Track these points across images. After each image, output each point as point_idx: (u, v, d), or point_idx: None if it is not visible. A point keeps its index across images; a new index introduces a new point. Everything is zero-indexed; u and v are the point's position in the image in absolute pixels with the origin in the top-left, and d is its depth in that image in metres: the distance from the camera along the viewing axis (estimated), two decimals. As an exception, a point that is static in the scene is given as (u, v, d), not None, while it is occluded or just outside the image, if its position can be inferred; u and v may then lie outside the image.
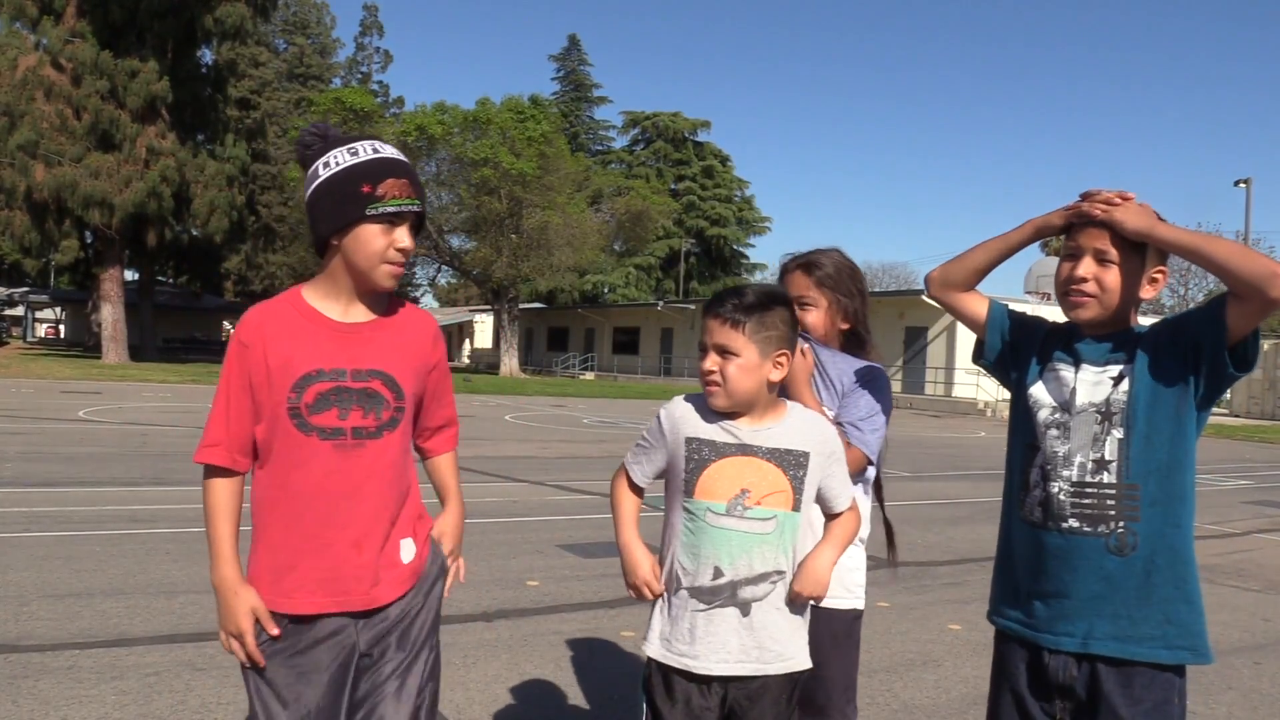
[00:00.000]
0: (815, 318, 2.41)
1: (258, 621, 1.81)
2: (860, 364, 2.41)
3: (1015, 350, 2.07)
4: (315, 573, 1.83)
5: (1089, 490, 1.87)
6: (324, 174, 1.86)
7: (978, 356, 2.16)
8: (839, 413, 2.34)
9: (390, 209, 1.83)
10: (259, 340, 1.84)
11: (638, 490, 2.10)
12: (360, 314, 1.91)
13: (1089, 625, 1.87)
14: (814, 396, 2.29)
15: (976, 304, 2.12)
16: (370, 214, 1.82)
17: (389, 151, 1.90)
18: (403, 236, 1.86)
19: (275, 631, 1.81)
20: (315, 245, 1.91)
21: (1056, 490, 1.90)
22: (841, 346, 2.47)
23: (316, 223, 1.87)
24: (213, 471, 1.85)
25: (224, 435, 1.84)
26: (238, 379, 1.85)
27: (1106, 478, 1.86)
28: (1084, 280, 1.89)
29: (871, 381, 2.38)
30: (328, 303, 1.90)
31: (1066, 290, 1.93)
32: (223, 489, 1.85)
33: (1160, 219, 1.87)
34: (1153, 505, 1.84)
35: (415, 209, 1.87)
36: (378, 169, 1.85)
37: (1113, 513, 1.85)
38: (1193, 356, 1.82)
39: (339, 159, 1.86)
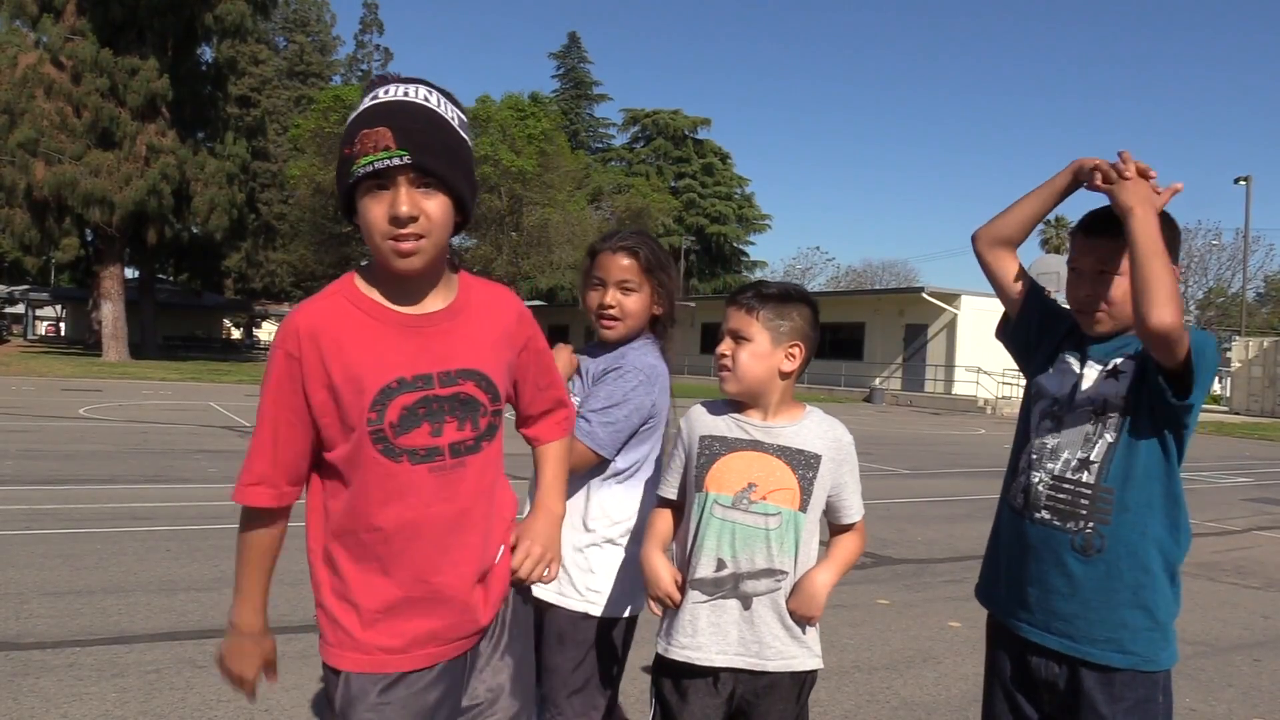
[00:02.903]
0: (637, 302, 2.29)
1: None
2: (615, 355, 2.29)
3: (1039, 337, 2.06)
4: (427, 624, 1.53)
5: (1065, 486, 1.90)
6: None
7: (1001, 332, 2.14)
8: (580, 402, 2.25)
9: (362, 169, 1.43)
10: (312, 349, 1.46)
11: (669, 505, 2.11)
12: (430, 301, 1.54)
13: (1047, 619, 1.90)
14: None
15: (1015, 271, 2.07)
16: (351, 181, 1.45)
17: (391, 94, 1.49)
18: (396, 199, 1.43)
19: (274, 680, 1.63)
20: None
21: (1037, 480, 1.94)
22: (648, 330, 2.36)
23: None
24: (253, 514, 1.54)
25: (269, 469, 1.50)
26: (286, 399, 1.48)
27: (1085, 477, 1.88)
28: (1089, 299, 1.91)
29: (619, 374, 2.24)
30: (387, 291, 1.52)
31: (1078, 309, 1.95)
32: (262, 536, 1.55)
33: (1163, 213, 1.83)
34: (1125, 511, 1.85)
35: (394, 161, 1.41)
36: (354, 123, 1.47)
37: (1084, 512, 1.87)
38: (1148, 378, 1.83)
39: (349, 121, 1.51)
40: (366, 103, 1.50)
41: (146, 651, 3.89)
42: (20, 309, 63.25)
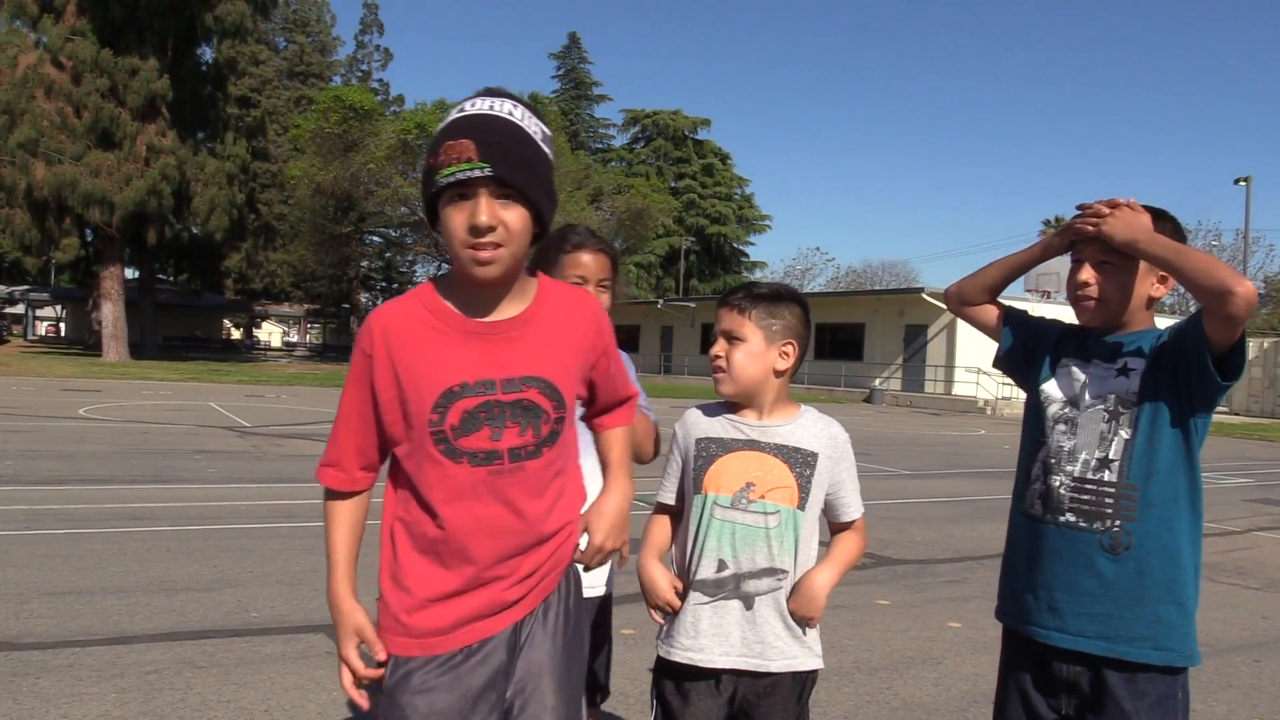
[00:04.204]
0: (609, 300, 2.40)
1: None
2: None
3: (1029, 351, 2.12)
4: (478, 608, 1.59)
5: (1089, 486, 1.90)
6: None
7: (996, 362, 2.23)
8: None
9: (445, 179, 1.48)
10: (384, 348, 1.55)
11: (668, 511, 2.11)
12: (502, 309, 1.59)
13: (1080, 623, 1.89)
14: None
15: (991, 313, 2.21)
16: (433, 190, 1.51)
17: (477, 107, 1.54)
18: (477, 210, 1.47)
19: (382, 657, 1.59)
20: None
21: (1057, 484, 1.93)
22: None
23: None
24: (329, 492, 1.65)
25: (341, 455, 1.62)
26: (358, 393, 1.59)
27: (1108, 476, 1.89)
28: (1086, 285, 1.95)
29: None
30: (461, 298, 1.58)
31: (1074, 296, 2.00)
32: (340, 508, 1.65)
33: (1161, 227, 1.90)
34: (1149, 507, 1.86)
35: (476, 173, 1.46)
36: (440, 134, 1.52)
37: (1110, 511, 1.88)
38: (1184, 365, 1.85)
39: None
40: (453, 115, 1.53)
41: (146, 652, 3.89)
42: (20, 309, 63.26)
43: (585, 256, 2.35)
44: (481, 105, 1.54)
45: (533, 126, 1.56)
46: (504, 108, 1.54)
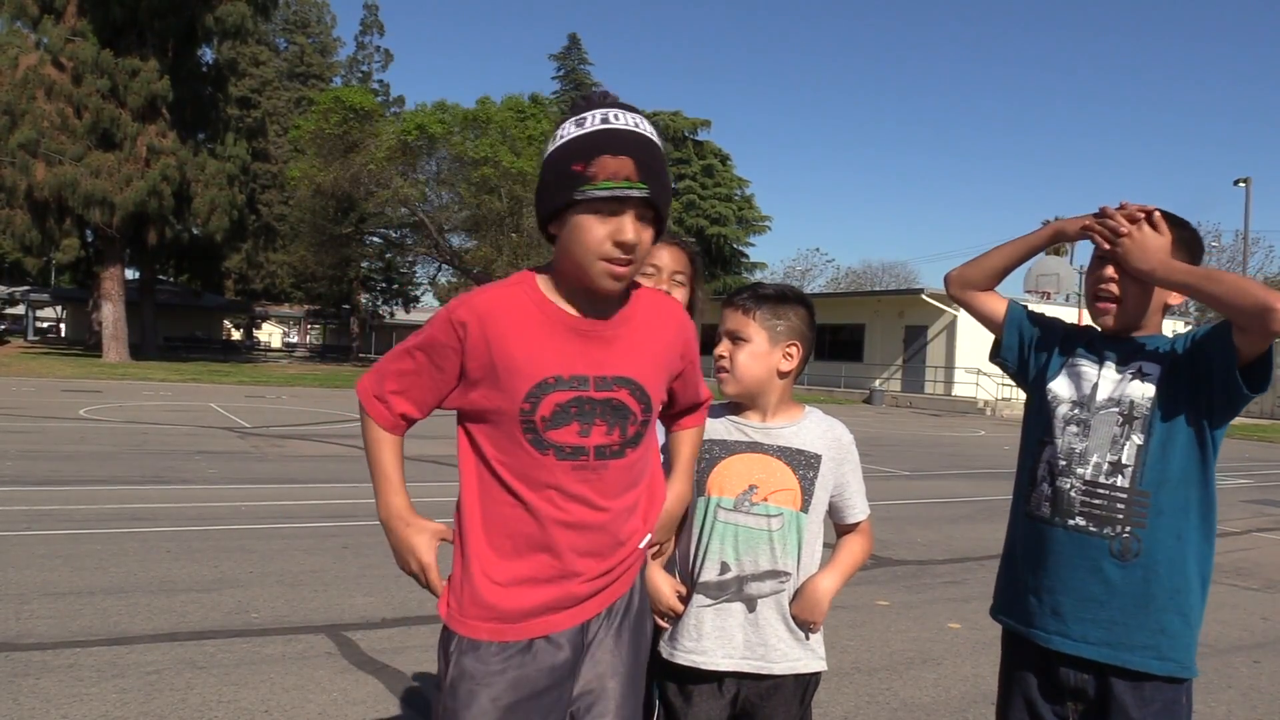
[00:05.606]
0: (684, 296, 2.38)
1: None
2: None
3: (1034, 348, 2.08)
4: (550, 600, 1.60)
5: (1100, 491, 1.87)
6: (549, 149, 1.58)
7: (994, 355, 2.17)
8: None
9: (600, 193, 1.50)
10: (479, 329, 1.56)
11: None
12: (600, 310, 1.62)
13: (1084, 628, 1.87)
14: None
15: (994, 303, 2.14)
16: (578, 198, 1.51)
17: (623, 121, 1.55)
18: (625, 227, 1.51)
19: (441, 590, 1.62)
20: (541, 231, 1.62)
21: (1067, 487, 1.90)
22: None
23: (536, 206, 1.60)
24: (370, 419, 1.65)
25: (386, 391, 1.62)
26: (435, 356, 1.58)
27: (1120, 481, 1.85)
28: (1110, 281, 1.90)
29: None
30: (564, 295, 1.60)
31: (1093, 295, 1.95)
32: (382, 436, 1.65)
33: (1180, 234, 1.86)
34: (1160, 515, 1.83)
35: (637, 194, 1.51)
36: (593, 143, 1.52)
37: (1121, 517, 1.85)
38: (1206, 374, 1.82)
39: (565, 131, 1.56)
40: (597, 124, 1.54)
41: (146, 652, 3.89)
42: (21, 310, 63.22)
43: (663, 252, 2.34)
44: (627, 121, 1.55)
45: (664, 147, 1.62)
46: (645, 127, 1.57)
